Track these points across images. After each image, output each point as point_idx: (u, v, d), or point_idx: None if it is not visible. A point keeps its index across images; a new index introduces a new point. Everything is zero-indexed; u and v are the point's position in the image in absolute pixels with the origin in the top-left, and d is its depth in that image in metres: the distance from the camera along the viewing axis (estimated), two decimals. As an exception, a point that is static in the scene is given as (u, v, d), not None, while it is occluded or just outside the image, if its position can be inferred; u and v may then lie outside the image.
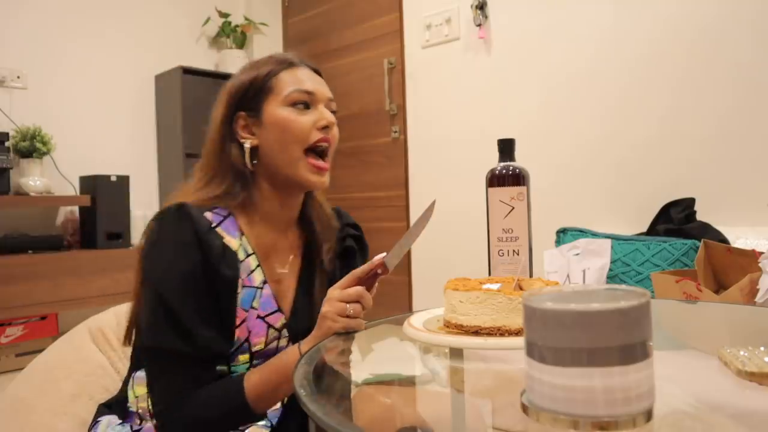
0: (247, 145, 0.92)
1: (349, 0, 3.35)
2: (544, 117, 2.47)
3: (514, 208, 0.92)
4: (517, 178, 0.93)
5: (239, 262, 0.89)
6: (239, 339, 0.89)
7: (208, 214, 0.88)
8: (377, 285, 0.87)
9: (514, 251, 0.92)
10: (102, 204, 2.88)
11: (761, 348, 0.61)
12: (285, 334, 0.95)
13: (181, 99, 3.22)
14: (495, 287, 0.72)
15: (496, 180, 0.93)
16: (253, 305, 0.91)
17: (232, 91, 0.95)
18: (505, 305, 0.68)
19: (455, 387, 0.72)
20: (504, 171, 0.93)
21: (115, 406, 0.97)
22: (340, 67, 3.37)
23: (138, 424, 0.92)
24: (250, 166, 0.92)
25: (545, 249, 1.99)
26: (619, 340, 0.40)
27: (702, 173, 2.05)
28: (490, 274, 0.94)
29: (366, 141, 3.25)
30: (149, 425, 0.90)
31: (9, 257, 2.58)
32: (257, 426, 0.90)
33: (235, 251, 0.88)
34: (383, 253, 0.85)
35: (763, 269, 1.21)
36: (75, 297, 2.70)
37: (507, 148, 0.95)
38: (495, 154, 0.96)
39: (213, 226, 0.87)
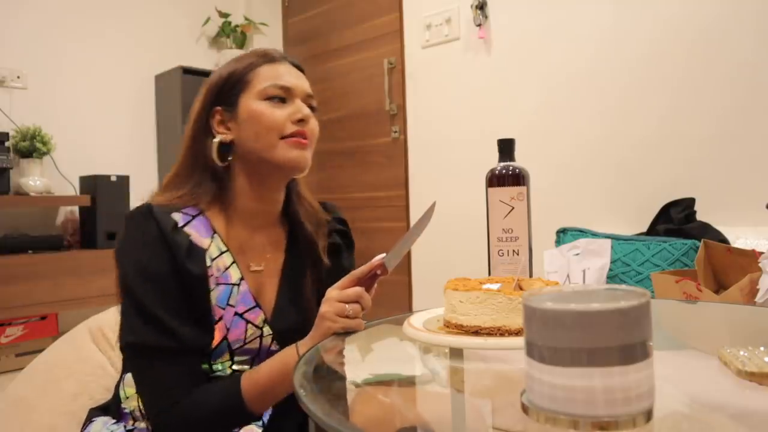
0: (217, 140, 0.91)
1: (349, 0, 3.35)
2: (544, 117, 2.47)
3: (514, 208, 0.92)
4: (517, 178, 0.93)
5: (211, 259, 0.88)
6: (218, 337, 0.88)
7: (175, 214, 0.88)
8: (376, 286, 0.87)
9: (514, 251, 0.92)
10: (102, 204, 2.88)
11: (761, 348, 0.60)
12: (268, 331, 0.93)
13: (181, 99, 3.21)
14: (495, 287, 0.72)
15: (496, 180, 0.94)
16: (230, 302, 0.89)
17: (210, 86, 0.94)
18: (505, 305, 0.68)
19: (455, 387, 0.72)
20: (504, 171, 0.93)
21: (110, 408, 0.97)
22: (340, 67, 3.37)
23: (131, 424, 0.92)
24: (218, 161, 0.91)
25: (545, 249, 1.99)
26: (619, 340, 0.40)
27: (702, 173, 2.05)
28: (490, 274, 0.94)
29: (366, 141, 3.24)
30: (143, 425, 0.90)
31: (9, 257, 2.58)
32: (250, 425, 0.90)
33: (204, 248, 0.88)
34: (383, 254, 0.85)
35: (763, 269, 1.21)
36: (75, 297, 2.70)
37: (507, 148, 0.95)
38: (495, 154, 0.96)
39: (180, 225, 0.87)
